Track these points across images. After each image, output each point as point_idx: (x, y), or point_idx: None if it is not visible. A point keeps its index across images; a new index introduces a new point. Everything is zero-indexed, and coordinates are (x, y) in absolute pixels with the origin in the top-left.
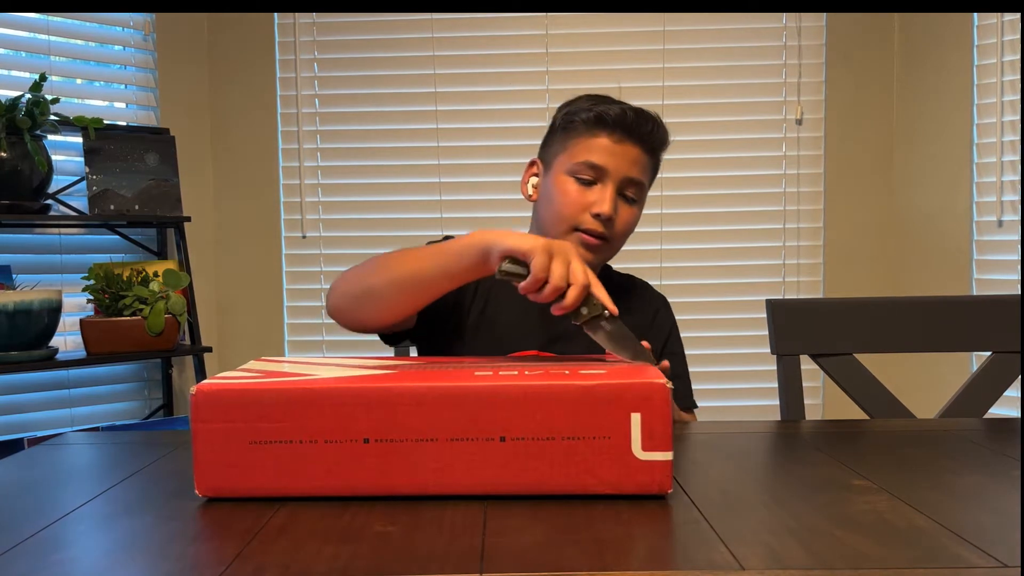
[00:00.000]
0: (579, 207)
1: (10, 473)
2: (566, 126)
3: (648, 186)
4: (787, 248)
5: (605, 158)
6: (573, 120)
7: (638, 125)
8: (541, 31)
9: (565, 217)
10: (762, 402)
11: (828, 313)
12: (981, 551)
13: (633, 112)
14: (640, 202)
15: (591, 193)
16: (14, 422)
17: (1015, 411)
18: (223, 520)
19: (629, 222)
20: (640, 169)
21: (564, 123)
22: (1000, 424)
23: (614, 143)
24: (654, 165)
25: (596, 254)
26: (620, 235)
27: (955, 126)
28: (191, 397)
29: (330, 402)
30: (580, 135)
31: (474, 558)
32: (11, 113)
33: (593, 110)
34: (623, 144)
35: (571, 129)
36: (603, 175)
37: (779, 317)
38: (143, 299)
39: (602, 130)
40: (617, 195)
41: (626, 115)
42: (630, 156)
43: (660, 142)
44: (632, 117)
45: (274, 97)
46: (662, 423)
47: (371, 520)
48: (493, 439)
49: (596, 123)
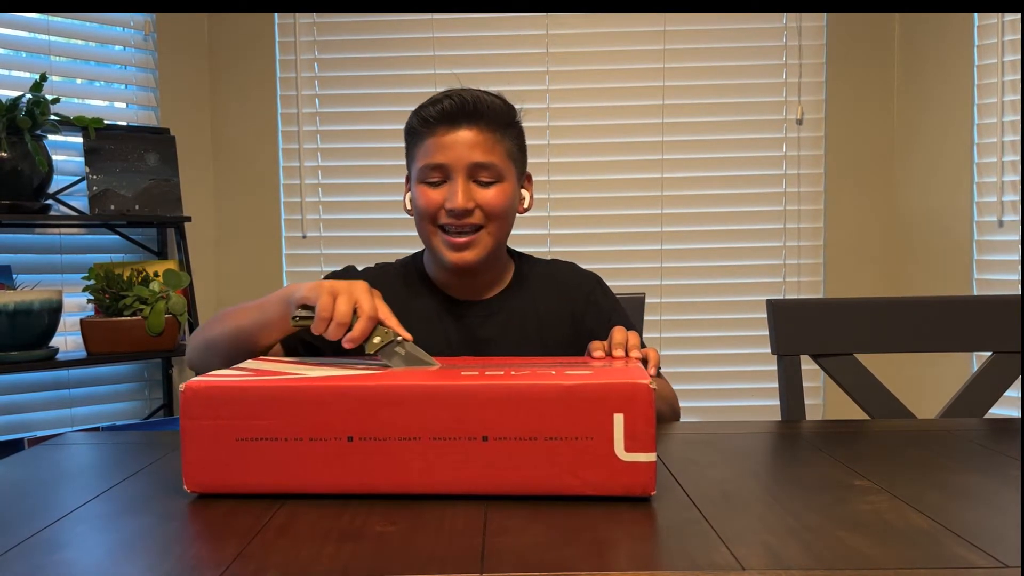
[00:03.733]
0: (435, 207)
1: (11, 473)
2: (407, 138)
3: (509, 160)
4: (787, 248)
5: (442, 154)
6: (409, 130)
7: (460, 109)
8: (541, 31)
9: (427, 222)
10: (763, 402)
11: (828, 313)
12: (981, 551)
13: (451, 100)
14: (502, 180)
15: (443, 191)
16: (15, 422)
17: (1015, 411)
18: (223, 520)
19: (494, 204)
20: (483, 150)
21: (405, 136)
22: (1000, 424)
23: (442, 137)
24: (504, 138)
25: (472, 249)
26: (494, 217)
27: (956, 126)
28: (181, 394)
29: (314, 400)
30: (417, 141)
31: (474, 558)
32: (12, 113)
33: (419, 114)
34: (452, 133)
35: (410, 139)
36: (447, 170)
37: (780, 317)
38: (143, 299)
39: (428, 129)
40: (470, 182)
41: (444, 106)
42: (465, 141)
43: (493, 115)
44: (450, 105)
45: (274, 97)
46: (645, 424)
47: (371, 520)
48: (476, 438)
49: (423, 125)
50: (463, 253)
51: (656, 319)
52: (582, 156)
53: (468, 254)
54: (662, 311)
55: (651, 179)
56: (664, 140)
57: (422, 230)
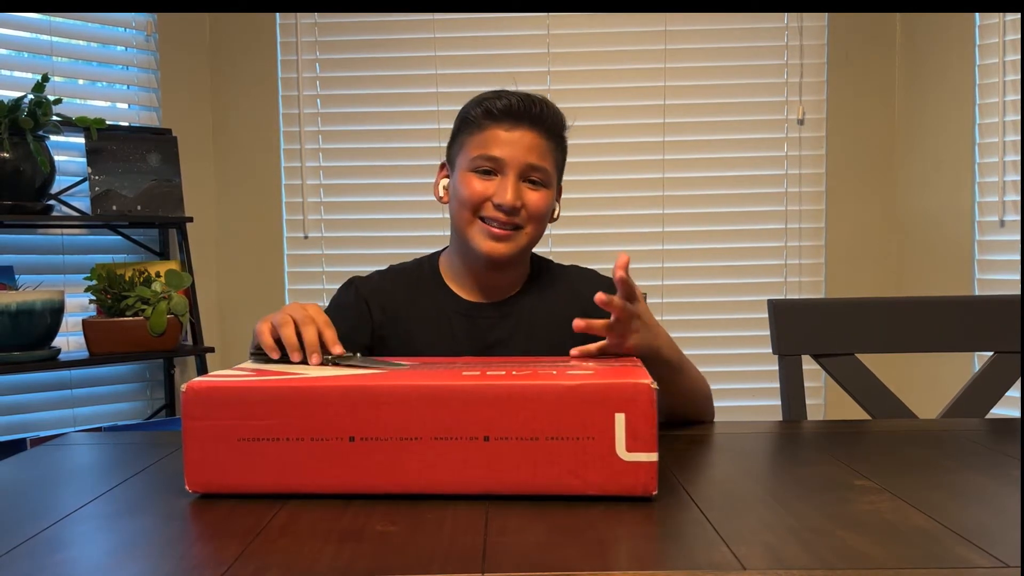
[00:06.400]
0: (481, 198)
1: (13, 473)
2: (460, 126)
3: (556, 170)
4: (789, 248)
5: (500, 148)
6: (466, 118)
7: (526, 110)
8: (543, 31)
9: (469, 209)
10: (763, 402)
11: (829, 313)
12: (982, 551)
13: (519, 99)
14: (548, 186)
15: (492, 184)
16: (17, 422)
17: (1016, 411)
18: (225, 520)
19: (539, 207)
20: (539, 154)
21: (459, 123)
22: (1001, 424)
23: (506, 132)
24: (556, 148)
25: (508, 243)
26: (532, 220)
27: (957, 126)
28: (182, 394)
29: (315, 400)
30: (473, 131)
31: (476, 558)
32: (14, 114)
33: (481, 105)
34: (515, 131)
35: (465, 127)
36: (501, 165)
37: (781, 317)
38: (145, 299)
39: (492, 122)
40: (521, 182)
41: (512, 103)
42: (525, 142)
43: (553, 123)
44: (518, 104)
45: (276, 97)
46: (647, 424)
47: (372, 520)
48: (477, 438)
49: (485, 116)
50: (499, 244)
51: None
52: (583, 156)
53: (504, 247)
54: (663, 311)
55: (652, 179)
56: (665, 140)
57: (460, 217)
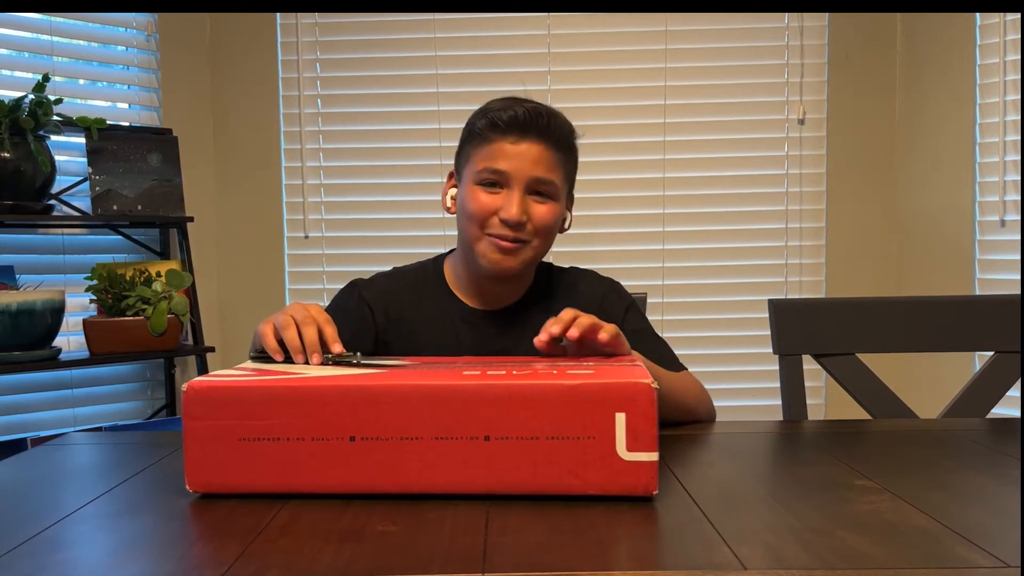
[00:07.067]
0: (487, 213)
1: (13, 473)
2: (467, 137)
3: (565, 182)
4: (789, 248)
5: (505, 161)
6: (472, 130)
7: (532, 122)
8: (543, 31)
9: (476, 223)
10: (764, 402)
11: (830, 313)
12: (983, 550)
13: (525, 111)
14: (556, 198)
15: (498, 198)
16: (17, 422)
17: (1017, 411)
18: (225, 520)
19: (545, 220)
20: (546, 167)
21: (465, 134)
22: (1002, 424)
23: (512, 145)
24: (565, 159)
25: (515, 257)
26: (539, 234)
27: (957, 126)
28: (183, 394)
29: (316, 400)
30: (479, 143)
31: (476, 558)
32: (14, 114)
33: (487, 116)
34: (521, 144)
35: (471, 139)
36: (507, 179)
37: (781, 317)
38: (146, 299)
39: (498, 134)
40: (527, 195)
41: (517, 115)
42: (531, 155)
43: (561, 134)
44: (524, 116)
45: (276, 97)
46: (647, 423)
47: (372, 520)
48: (477, 438)
49: (491, 128)
50: (506, 258)
51: (658, 319)
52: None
53: (511, 260)
54: (664, 311)
55: (653, 179)
56: (666, 140)
57: (467, 231)
